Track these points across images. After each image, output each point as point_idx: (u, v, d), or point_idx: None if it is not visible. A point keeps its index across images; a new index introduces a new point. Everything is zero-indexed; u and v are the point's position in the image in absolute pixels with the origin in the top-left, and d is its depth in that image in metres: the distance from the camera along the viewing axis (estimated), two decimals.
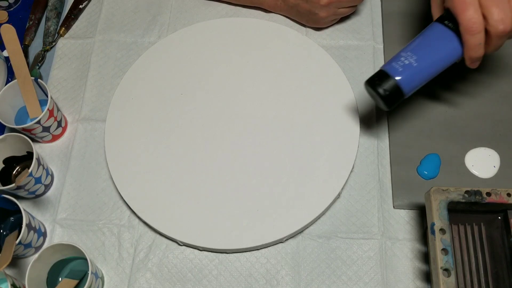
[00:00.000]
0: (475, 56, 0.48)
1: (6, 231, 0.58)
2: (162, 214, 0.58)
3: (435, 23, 0.50)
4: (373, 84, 0.50)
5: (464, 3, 0.45)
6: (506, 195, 0.50)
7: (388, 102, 0.50)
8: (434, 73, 0.50)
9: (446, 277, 0.46)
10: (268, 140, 0.61)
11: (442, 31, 0.49)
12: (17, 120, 0.64)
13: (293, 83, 0.64)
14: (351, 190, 0.61)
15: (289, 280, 0.57)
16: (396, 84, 0.49)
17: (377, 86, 0.49)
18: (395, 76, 0.49)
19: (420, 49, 0.49)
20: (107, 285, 0.58)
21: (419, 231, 0.58)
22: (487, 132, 0.62)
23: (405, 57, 0.49)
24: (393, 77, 0.49)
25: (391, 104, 0.50)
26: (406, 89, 0.49)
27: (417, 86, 0.50)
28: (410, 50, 0.49)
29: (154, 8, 0.74)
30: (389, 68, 0.49)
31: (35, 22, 0.73)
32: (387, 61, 0.51)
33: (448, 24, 0.49)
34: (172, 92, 0.65)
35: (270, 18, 0.71)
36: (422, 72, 0.49)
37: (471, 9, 0.45)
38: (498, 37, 0.47)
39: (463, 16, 0.46)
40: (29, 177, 0.57)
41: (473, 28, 0.46)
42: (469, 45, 0.47)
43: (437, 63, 0.49)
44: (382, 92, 0.49)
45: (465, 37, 0.47)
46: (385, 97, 0.49)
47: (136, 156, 0.61)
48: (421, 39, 0.50)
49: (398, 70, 0.49)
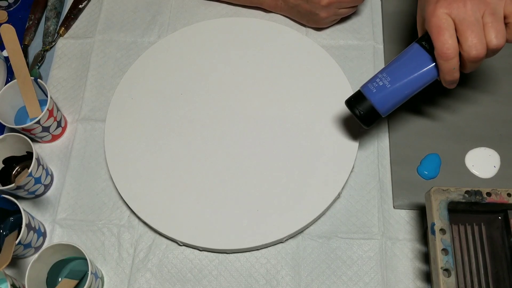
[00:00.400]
0: (450, 80, 0.49)
1: (5, 231, 0.58)
2: (162, 214, 0.58)
3: (414, 44, 0.51)
4: (350, 104, 0.51)
5: (439, 28, 0.45)
6: (507, 195, 0.50)
7: (365, 122, 0.51)
8: (409, 94, 0.50)
9: (447, 277, 0.46)
10: (268, 140, 0.61)
11: (418, 52, 0.50)
12: (17, 120, 0.64)
13: (293, 83, 0.64)
14: (351, 190, 0.61)
15: (289, 280, 0.57)
16: (371, 106, 0.50)
17: (354, 107, 0.51)
18: (370, 98, 0.50)
19: (395, 70, 0.50)
20: (107, 285, 0.58)
21: (419, 231, 0.58)
22: (487, 132, 0.62)
23: (380, 79, 0.50)
24: (369, 99, 0.50)
25: (369, 124, 0.51)
26: (382, 110, 0.50)
27: (393, 107, 0.51)
28: (386, 72, 0.50)
29: (154, 8, 0.74)
30: (365, 89, 0.51)
31: (35, 22, 0.73)
32: (366, 81, 0.52)
33: (425, 45, 0.49)
34: (172, 92, 0.65)
35: (270, 18, 0.71)
36: (396, 93, 0.50)
37: (446, 35, 0.45)
38: (471, 62, 0.47)
39: (437, 41, 0.46)
40: (29, 177, 0.57)
41: (447, 54, 0.46)
42: (443, 69, 0.48)
43: (412, 84, 0.50)
44: (358, 113, 0.51)
45: (439, 61, 0.47)
46: (361, 117, 0.51)
47: (136, 156, 0.61)
48: (397, 60, 0.51)
49: (372, 92, 0.50)
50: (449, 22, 0.46)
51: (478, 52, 0.45)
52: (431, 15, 0.46)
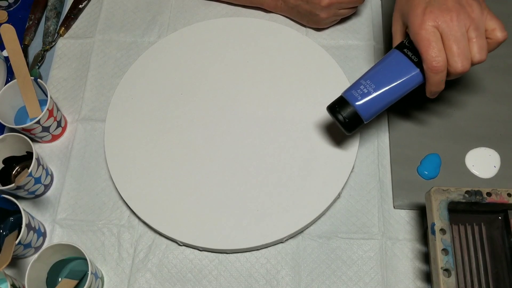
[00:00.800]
0: (436, 91, 0.50)
1: (5, 231, 0.58)
2: (162, 214, 0.58)
3: (395, 50, 0.51)
4: (333, 110, 0.51)
5: (429, 41, 0.46)
6: (507, 195, 0.50)
7: (348, 128, 0.51)
8: (393, 101, 0.51)
9: (447, 277, 0.46)
10: (268, 140, 0.61)
11: (401, 60, 0.50)
12: (17, 120, 0.64)
13: (293, 83, 0.64)
14: (351, 190, 0.61)
15: (289, 281, 0.57)
16: (355, 112, 0.50)
17: (337, 113, 0.51)
18: (354, 104, 0.50)
19: (379, 77, 0.50)
20: (106, 285, 0.58)
21: (419, 231, 0.58)
22: (487, 132, 0.62)
23: (364, 85, 0.50)
24: (353, 105, 0.50)
25: (351, 130, 0.52)
26: (365, 116, 0.51)
27: (376, 113, 0.51)
28: (370, 78, 0.50)
29: (154, 8, 0.74)
30: (349, 96, 0.51)
31: (35, 22, 0.73)
32: (348, 87, 0.52)
33: (407, 53, 0.50)
34: (172, 92, 0.65)
35: (270, 18, 0.71)
36: (380, 100, 0.50)
37: (436, 48, 0.46)
38: (456, 75, 0.48)
39: (427, 55, 0.46)
40: (29, 177, 0.57)
41: (437, 67, 0.46)
42: (431, 81, 0.48)
43: (395, 91, 0.50)
44: (342, 119, 0.51)
45: (428, 74, 0.48)
46: (344, 123, 0.51)
47: (136, 156, 0.61)
48: (380, 66, 0.51)
49: (357, 98, 0.50)
50: (437, 35, 0.46)
51: (464, 67, 0.46)
52: (419, 28, 0.46)
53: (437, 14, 0.46)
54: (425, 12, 0.46)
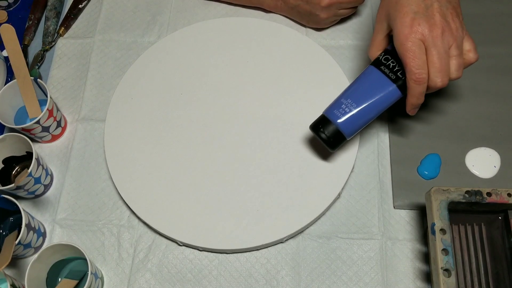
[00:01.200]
0: (417, 103, 0.50)
1: (5, 231, 0.58)
2: (162, 214, 0.58)
3: (372, 68, 0.52)
4: (316, 129, 0.53)
5: (414, 53, 0.47)
6: (507, 195, 0.50)
7: (331, 146, 0.53)
8: (373, 117, 0.52)
9: (447, 277, 0.46)
10: (268, 140, 0.61)
11: (378, 77, 0.52)
12: (17, 120, 0.64)
13: (293, 83, 0.64)
14: (351, 190, 0.61)
15: (289, 281, 0.57)
16: (338, 130, 0.52)
17: (320, 132, 0.53)
18: (336, 122, 0.52)
19: (358, 95, 0.52)
20: (106, 285, 0.58)
21: (419, 231, 0.58)
22: (487, 132, 0.62)
23: (345, 104, 0.52)
24: (335, 123, 0.52)
25: (334, 147, 0.53)
26: (347, 133, 0.52)
27: (358, 129, 0.53)
28: (349, 96, 0.52)
29: (153, 8, 0.74)
30: (331, 114, 0.52)
31: (35, 21, 0.73)
32: (329, 106, 0.53)
33: (384, 70, 0.51)
34: (172, 92, 0.65)
35: (270, 18, 0.71)
36: (361, 117, 0.52)
37: (421, 60, 0.47)
38: (434, 89, 0.49)
39: (411, 66, 0.47)
40: (29, 177, 0.57)
41: (420, 79, 0.47)
42: (413, 92, 0.49)
43: (375, 108, 0.52)
44: (325, 137, 0.52)
45: (410, 85, 0.48)
46: (328, 141, 0.53)
47: (135, 156, 0.61)
48: (359, 84, 0.53)
49: (338, 117, 0.52)
50: (422, 48, 0.47)
51: (443, 83, 0.48)
52: (405, 38, 0.47)
53: (425, 28, 0.46)
54: (413, 24, 0.47)
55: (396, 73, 0.51)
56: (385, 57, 0.52)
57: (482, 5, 0.69)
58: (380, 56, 0.53)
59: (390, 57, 0.52)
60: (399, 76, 0.51)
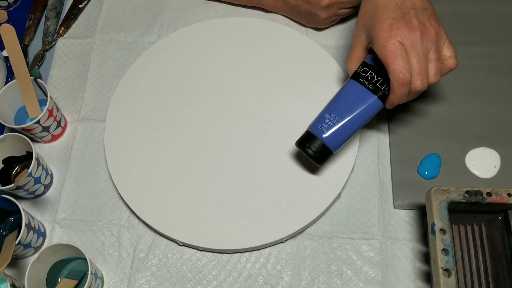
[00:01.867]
0: (398, 103, 0.50)
1: (5, 231, 0.58)
2: (162, 214, 0.58)
3: (352, 81, 0.53)
4: (302, 145, 0.54)
5: (395, 54, 0.47)
6: (507, 195, 0.50)
7: (318, 160, 0.54)
8: (357, 129, 0.53)
9: (447, 277, 0.46)
10: (268, 140, 0.61)
11: (360, 90, 0.52)
12: (17, 120, 0.64)
13: (293, 83, 0.64)
14: (351, 190, 0.61)
15: (289, 281, 0.57)
16: (323, 145, 0.53)
17: (306, 148, 0.53)
18: (321, 137, 0.52)
19: (340, 109, 0.53)
20: (106, 285, 0.58)
21: (419, 231, 0.58)
22: (487, 132, 0.62)
23: (328, 118, 0.52)
24: (320, 138, 0.52)
25: (321, 162, 0.54)
26: (333, 147, 0.53)
27: (343, 142, 0.53)
28: (332, 111, 0.53)
29: (154, 8, 0.74)
30: (315, 130, 0.53)
31: (35, 21, 0.73)
32: (313, 122, 0.54)
33: (363, 82, 0.52)
34: (172, 92, 0.65)
35: (270, 18, 0.71)
36: (345, 130, 0.52)
37: (402, 60, 0.47)
38: (414, 93, 0.49)
39: (394, 67, 0.47)
40: (29, 177, 0.57)
41: (404, 79, 0.47)
42: (396, 93, 0.49)
43: (358, 120, 0.52)
44: (312, 153, 0.53)
45: (394, 86, 0.48)
46: (314, 156, 0.53)
47: (135, 156, 0.61)
48: (340, 98, 0.53)
49: (323, 131, 0.52)
50: (403, 50, 0.47)
51: (423, 85, 0.48)
52: (385, 41, 0.47)
53: (404, 31, 0.47)
54: (392, 28, 0.47)
55: (375, 83, 0.51)
56: (363, 69, 0.53)
57: (482, 5, 0.69)
58: (358, 69, 0.53)
59: (368, 69, 0.52)
60: (378, 87, 0.51)
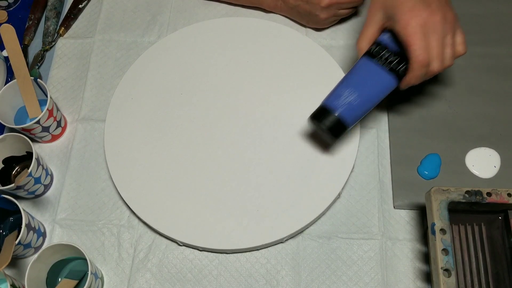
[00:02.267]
0: (414, 84, 0.51)
1: (5, 231, 0.58)
2: (162, 214, 0.58)
3: (367, 60, 0.53)
4: (317, 120, 0.53)
5: (417, 35, 0.48)
6: (507, 195, 0.50)
7: (334, 134, 0.53)
8: (372, 106, 0.53)
9: (447, 277, 0.46)
10: (268, 140, 0.61)
11: (375, 69, 0.52)
12: (17, 120, 0.64)
13: (293, 83, 0.64)
14: (351, 190, 0.61)
15: (289, 281, 0.56)
16: (338, 120, 0.52)
17: (321, 121, 0.52)
18: (338, 112, 0.52)
19: (358, 86, 0.52)
20: (106, 285, 0.58)
21: (419, 231, 0.58)
22: (487, 132, 0.61)
23: (345, 95, 0.52)
24: (336, 113, 0.52)
25: (337, 137, 0.53)
26: (348, 123, 0.52)
27: (358, 119, 0.53)
28: (349, 87, 0.52)
29: (154, 8, 0.74)
30: (333, 105, 0.52)
31: (35, 21, 0.73)
32: (327, 97, 0.53)
33: (379, 62, 0.52)
34: (172, 92, 0.65)
35: (270, 18, 0.71)
36: (361, 107, 0.52)
37: (423, 42, 0.48)
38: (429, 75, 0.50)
39: (415, 48, 0.48)
40: (29, 177, 0.57)
41: (424, 60, 0.48)
42: (414, 74, 0.50)
43: (375, 98, 0.53)
44: (327, 128, 0.52)
45: (414, 66, 0.49)
46: (330, 131, 0.52)
47: (135, 156, 0.61)
48: (357, 76, 0.53)
49: (340, 106, 0.52)
50: (424, 32, 0.48)
51: (439, 68, 0.49)
52: (407, 22, 0.48)
53: (427, 13, 0.48)
54: (414, 9, 0.48)
55: (391, 63, 0.52)
56: (377, 48, 0.53)
57: (482, 5, 0.69)
58: (372, 48, 0.53)
59: (383, 48, 0.52)
60: (394, 67, 0.52)
